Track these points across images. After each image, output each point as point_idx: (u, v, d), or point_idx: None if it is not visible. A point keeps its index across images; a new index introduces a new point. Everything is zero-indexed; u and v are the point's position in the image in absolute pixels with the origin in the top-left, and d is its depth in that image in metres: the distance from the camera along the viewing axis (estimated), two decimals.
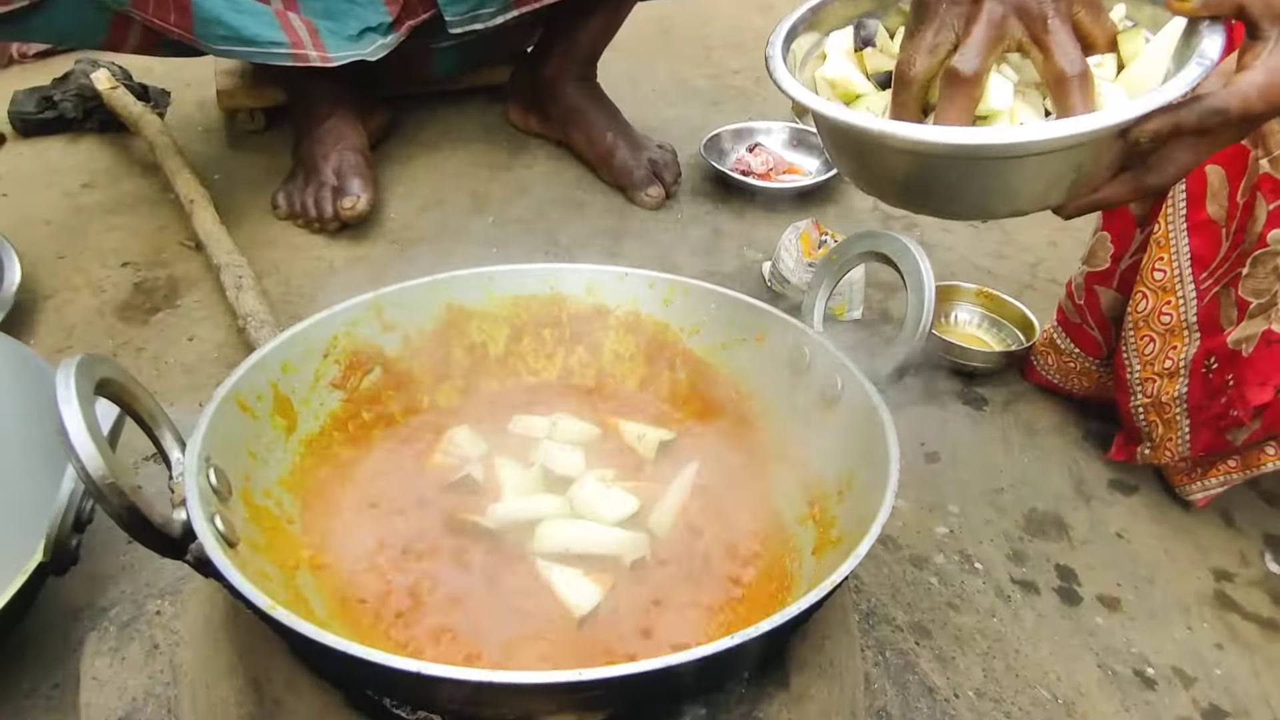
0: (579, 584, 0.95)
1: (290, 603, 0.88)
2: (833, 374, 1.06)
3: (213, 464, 0.91)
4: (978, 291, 1.89)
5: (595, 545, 0.99)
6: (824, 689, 0.93)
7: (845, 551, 0.87)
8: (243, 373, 1.01)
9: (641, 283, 1.21)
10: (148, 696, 1.17)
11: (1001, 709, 1.33)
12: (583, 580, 0.95)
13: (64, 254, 1.94)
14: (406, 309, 1.17)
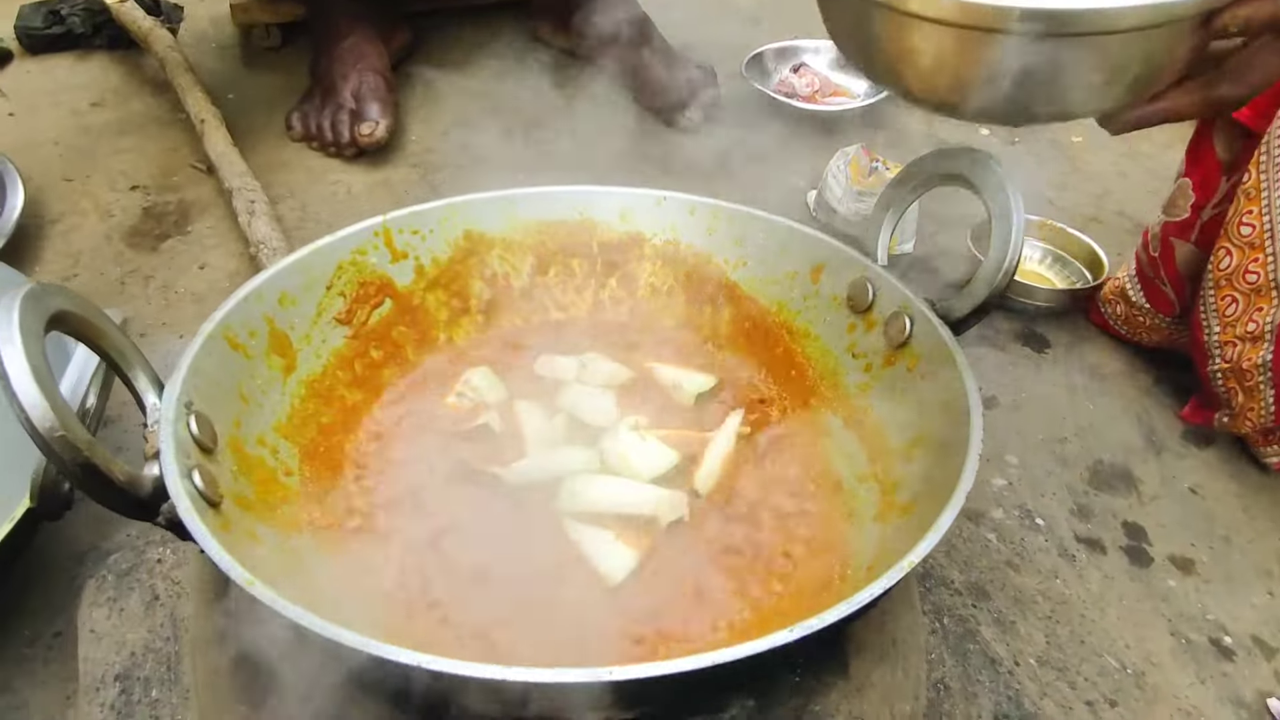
0: (612, 549, 0.82)
1: (284, 571, 0.75)
2: (900, 314, 0.91)
3: (195, 410, 0.78)
4: (1040, 224, 1.72)
5: (628, 504, 0.85)
6: (886, 673, 0.80)
7: (918, 523, 0.74)
8: (233, 305, 0.87)
9: (681, 208, 1.05)
10: (147, 651, 1.07)
11: (1065, 679, 1.19)
12: (615, 544, 0.82)
13: (71, 176, 1.81)
14: (420, 235, 1.02)
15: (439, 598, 0.79)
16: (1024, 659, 1.19)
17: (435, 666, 0.58)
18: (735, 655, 0.59)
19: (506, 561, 0.82)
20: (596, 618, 0.78)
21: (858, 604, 0.63)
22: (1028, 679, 1.15)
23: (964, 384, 0.81)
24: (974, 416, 0.77)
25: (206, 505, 0.72)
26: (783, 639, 0.60)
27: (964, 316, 0.87)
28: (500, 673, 0.57)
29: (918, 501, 0.80)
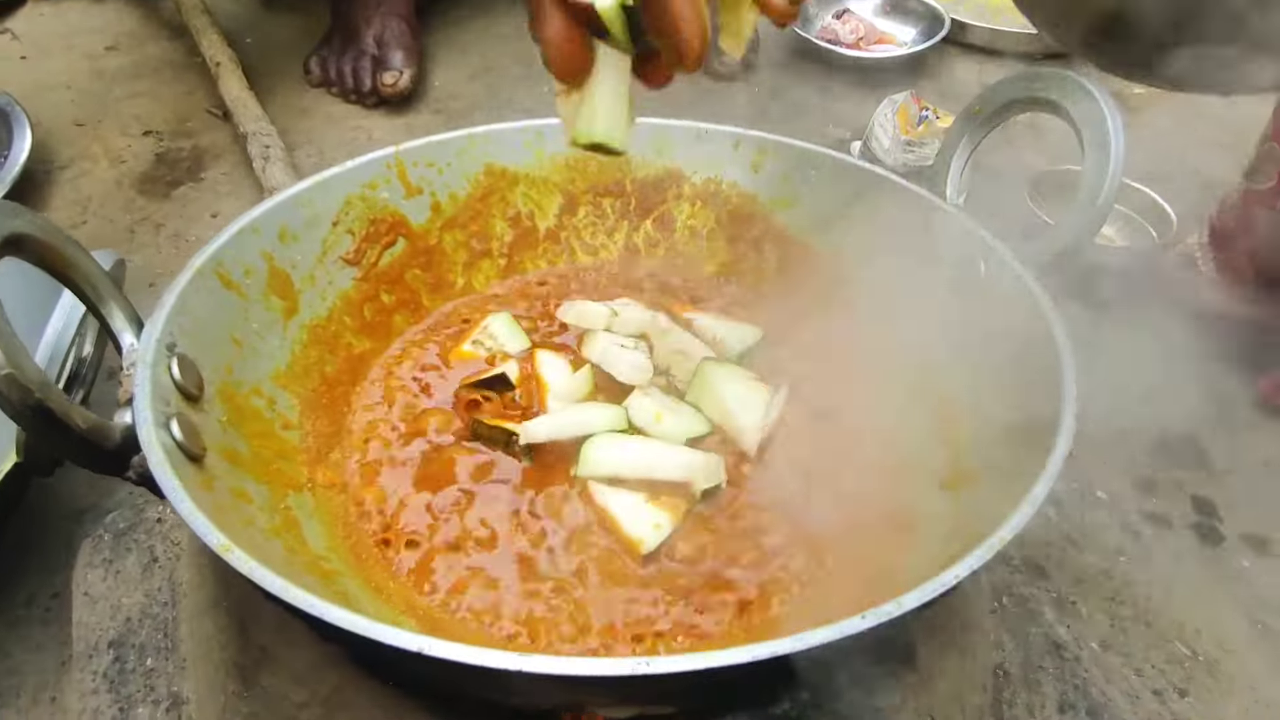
0: (644, 512, 0.71)
1: (277, 535, 0.66)
2: (974, 257, 0.79)
3: (178, 353, 0.68)
4: None
5: (660, 469, 0.74)
6: (956, 661, 0.69)
7: (999, 490, 0.62)
8: (226, 239, 0.77)
9: (725, 142, 0.94)
10: (144, 617, 0.98)
11: (1131, 665, 1.08)
12: (647, 508, 0.71)
13: (82, 121, 1.72)
14: (437, 169, 0.91)
15: (447, 569, 0.69)
16: (1085, 642, 1.08)
17: (437, 652, 0.47)
18: (796, 646, 0.49)
19: (524, 529, 0.72)
20: (626, 593, 0.67)
21: (943, 586, 0.52)
22: (1091, 664, 1.04)
23: (1053, 335, 0.69)
24: (1066, 371, 0.66)
25: (186, 459, 0.62)
26: (853, 627, 0.50)
27: (1051, 257, 0.75)
28: (516, 662, 0.47)
29: (995, 466, 0.69)
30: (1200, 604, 1.13)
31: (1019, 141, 1.73)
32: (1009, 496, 0.62)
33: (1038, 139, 1.73)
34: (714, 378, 0.79)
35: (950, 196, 0.84)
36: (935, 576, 0.54)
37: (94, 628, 0.98)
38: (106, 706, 0.91)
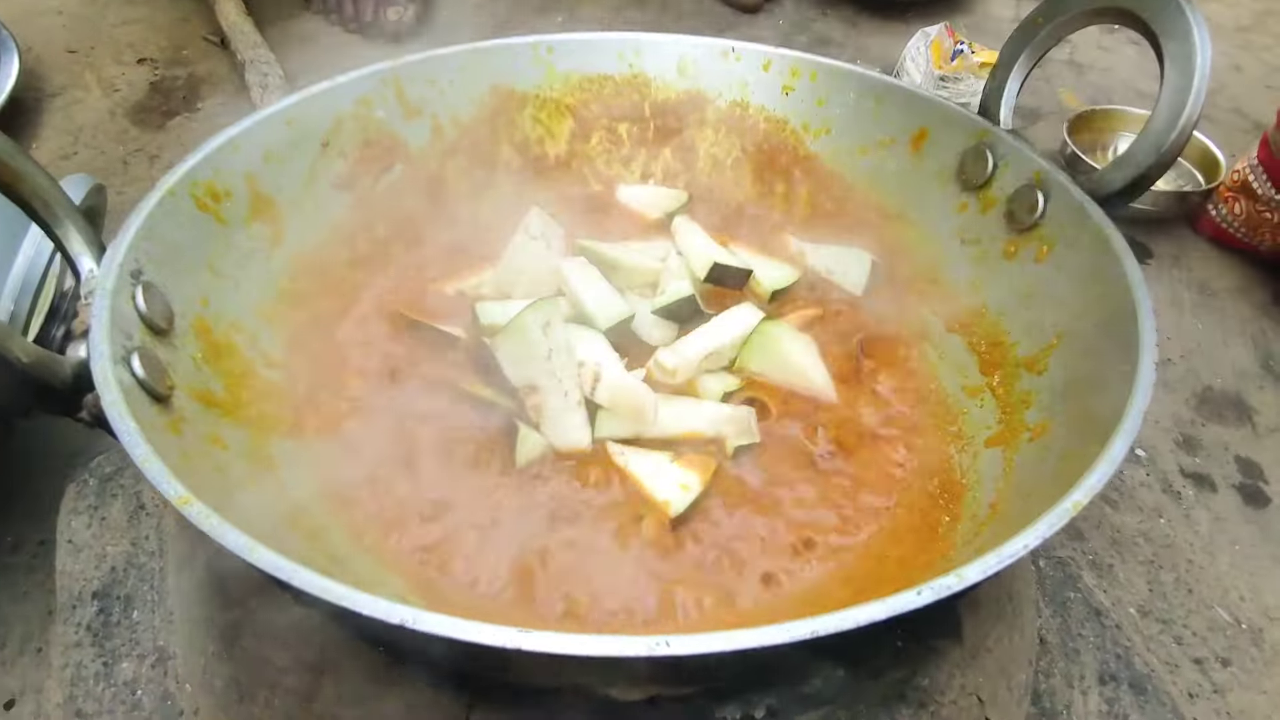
0: (670, 473, 0.63)
1: (253, 482, 0.58)
2: (1031, 188, 0.70)
3: (144, 280, 0.60)
4: (1146, 119, 1.45)
5: (687, 423, 0.66)
6: (1003, 635, 0.62)
7: (1063, 449, 0.54)
8: (202, 158, 0.68)
9: (754, 61, 0.84)
10: (129, 567, 0.91)
11: (1171, 632, 1.00)
12: (673, 468, 0.63)
13: (74, 48, 1.62)
14: (438, 87, 0.82)
15: (447, 528, 0.62)
16: (1122, 606, 1.00)
17: (425, 626, 0.40)
18: (841, 624, 0.41)
19: (531, 488, 0.64)
20: (641, 559, 0.60)
21: (1010, 556, 0.44)
22: (1130, 631, 0.96)
23: (1125, 273, 0.60)
24: (1143, 313, 0.57)
25: (148, 399, 0.54)
26: (907, 603, 0.42)
27: (1119, 190, 0.66)
28: (515, 639, 0.40)
29: (1057, 422, 0.60)
30: (1244, 569, 1.05)
31: (1057, 79, 1.62)
32: (1074, 454, 0.54)
33: (1078, 76, 1.62)
34: (775, 336, 0.71)
35: (1004, 121, 0.74)
36: (998, 545, 0.46)
37: (78, 577, 0.91)
38: (90, 661, 0.84)
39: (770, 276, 0.78)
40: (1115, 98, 1.60)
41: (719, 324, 0.72)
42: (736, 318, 0.72)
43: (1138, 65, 1.67)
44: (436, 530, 0.62)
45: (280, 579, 0.42)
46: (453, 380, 0.70)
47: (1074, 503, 0.46)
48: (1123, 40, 1.72)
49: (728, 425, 0.65)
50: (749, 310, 0.73)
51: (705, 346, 0.70)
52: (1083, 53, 1.67)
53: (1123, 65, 1.67)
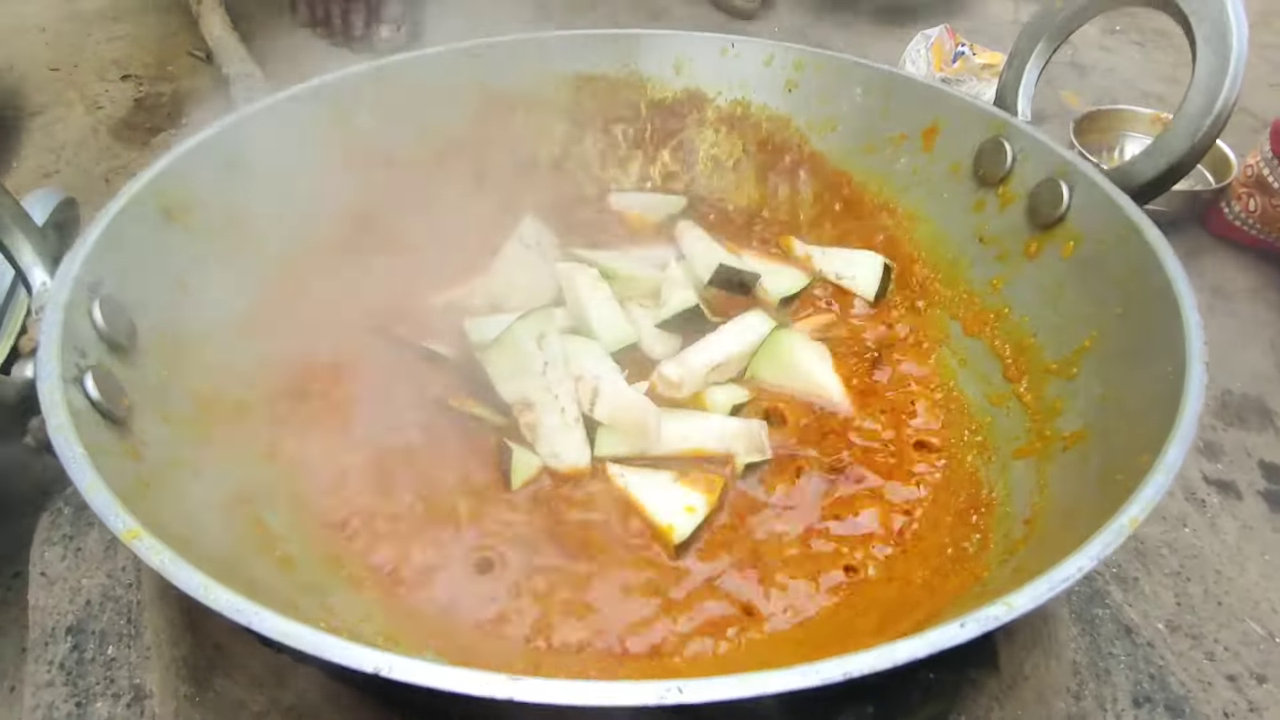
0: (673, 494, 0.58)
1: (224, 510, 0.53)
2: (1053, 182, 0.65)
3: (104, 294, 0.55)
4: (1154, 118, 1.42)
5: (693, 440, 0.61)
6: (1040, 662, 0.57)
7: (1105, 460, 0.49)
8: (169, 164, 0.64)
9: (754, 57, 0.79)
10: (105, 600, 0.86)
11: (1201, 648, 0.95)
12: (677, 488, 0.58)
13: (57, 65, 1.58)
14: (422, 90, 0.77)
15: (431, 559, 0.56)
16: (1150, 622, 0.95)
17: (402, 675, 0.35)
18: (875, 664, 0.36)
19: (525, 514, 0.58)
20: (646, 589, 0.54)
21: (1064, 580, 0.39)
22: (1162, 648, 0.91)
23: (1163, 267, 0.55)
24: (1187, 309, 0.52)
25: (103, 421, 0.49)
26: (951, 638, 0.37)
27: (1150, 180, 0.61)
28: (504, 688, 0.34)
29: (1094, 430, 0.55)
30: (1275, 579, 1.00)
31: (1059, 81, 1.57)
32: (1120, 465, 0.49)
33: (1081, 78, 1.58)
34: (786, 345, 0.66)
35: (1022, 112, 0.69)
36: (1041, 567, 0.41)
37: (51, 612, 0.85)
38: (62, 701, 0.78)
39: (779, 283, 0.73)
40: (1119, 98, 1.55)
41: (726, 333, 0.67)
42: (745, 326, 0.67)
43: (1140, 66, 1.63)
44: (423, 558, 0.56)
45: (238, 622, 0.37)
46: (442, 398, 0.65)
47: (1130, 519, 0.41)
48: (1125, 41, 1.68)
49: (737, 440, 0.60)
50: (758, 318, 0.68)
51: (712, 357, 0.65)
52: (1084, 54, 1.63)
53: (1125, 66, 1.63)
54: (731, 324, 0.68)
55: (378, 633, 0.51)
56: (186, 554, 0.42)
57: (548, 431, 0.61)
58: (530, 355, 0.60)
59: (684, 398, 0.64)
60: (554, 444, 0.60)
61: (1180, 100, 0.61)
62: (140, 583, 0.84)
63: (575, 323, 0.69)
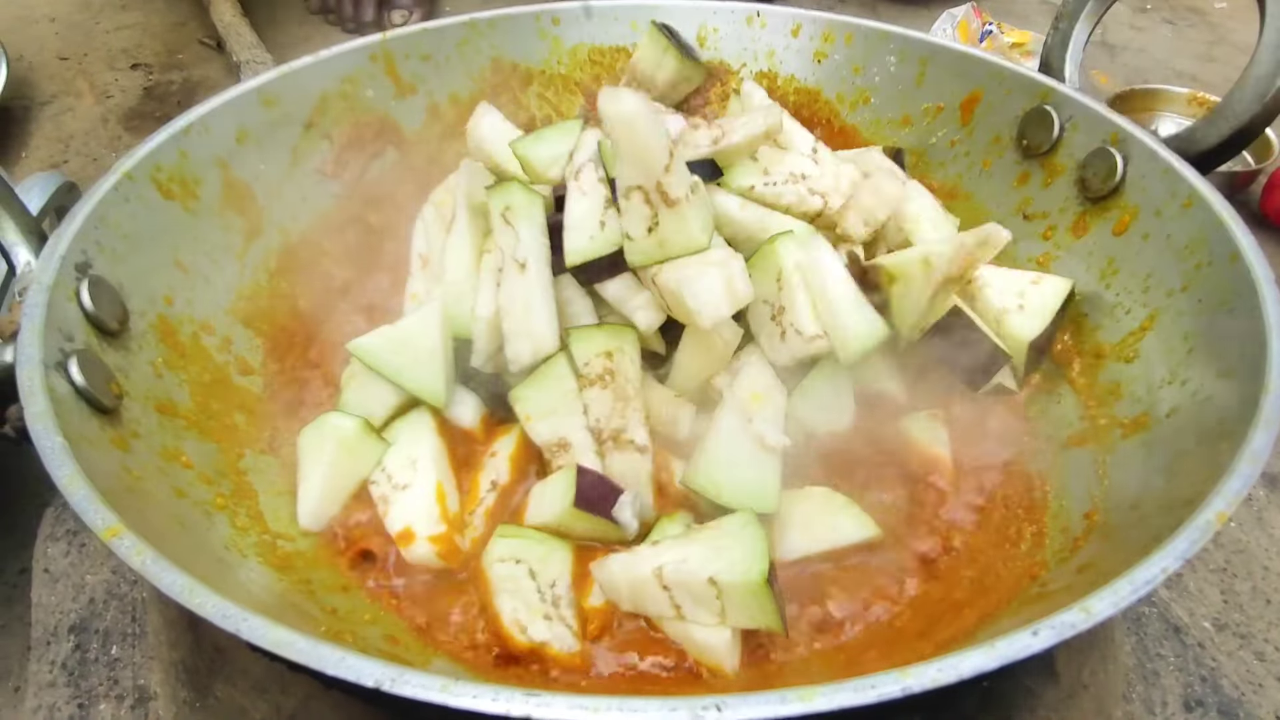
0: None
1: (221, 505, 0.49)
2: (1106, 151, 0.60)
3: (93, 275, 0.51)
4: (1190, 98, 1.36)
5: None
6: (1098, 668, 0.52)
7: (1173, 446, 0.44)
8: (165, 140, 0.60)
9: (781, 26, 0.75)
10: (109, 598, 0.83)
11: (1251, 647, 0.89)
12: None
13: (66, 55, 1.55)
14: (433, 63, 0.73)
15: (436, 581, 0.52)
16: (1196, 620, 0.89)
17: (405, 690, 0.30)
18: (940, 677, 0.31)
19: None
20: None
21: (1144, 585, 0.34)
22: (1209, 646, 0.86)
23: (1233, 240, 0.50)
24: (1262, 283, 0.47)
25: (88, 409, 0.45)
26: (1023, 648, 0.32)
27: (1214, 146, 0.56)
28: (523, 706, 0.30)
29: (1157, 416, 0.50)
30: None
31: (1090, 61, 1.52)
32: (1191, 453, 0.44)
33: (1111, 58, 1.52)
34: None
35: (1070, 78, 0.64)
36: (1112, 566, 0.36)
37: (54, 610, 0.82)
38: (64, 703, 0.75)
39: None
40: (1151, 78, 1.50)
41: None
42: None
43: (1172, 44, 1.57)
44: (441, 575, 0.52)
45: (226, 629, 0.33)
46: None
47: (1217, 513, 0.37)
48: (1156, 20, 1.61)
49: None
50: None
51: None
52: (1115, 33, 1.57)
53: (1157, 45, 1.57)
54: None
55: (385, 636, 0.47)
56: (175, 553, 0.38)
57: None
58: (570, 392, 0.55)
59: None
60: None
61: (1249, 61, 0.56)
62: (144, 580, 0.80)
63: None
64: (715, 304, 0.50)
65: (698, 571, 0.45)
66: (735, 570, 0.44)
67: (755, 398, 0.55)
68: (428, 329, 0.55)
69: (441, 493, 0.53)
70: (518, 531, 0.51)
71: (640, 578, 0.47)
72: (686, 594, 0.46)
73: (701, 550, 0.46)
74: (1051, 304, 0.57)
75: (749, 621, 0.45)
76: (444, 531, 0.51)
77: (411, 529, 0.51)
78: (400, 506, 0.52)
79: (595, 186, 0.56)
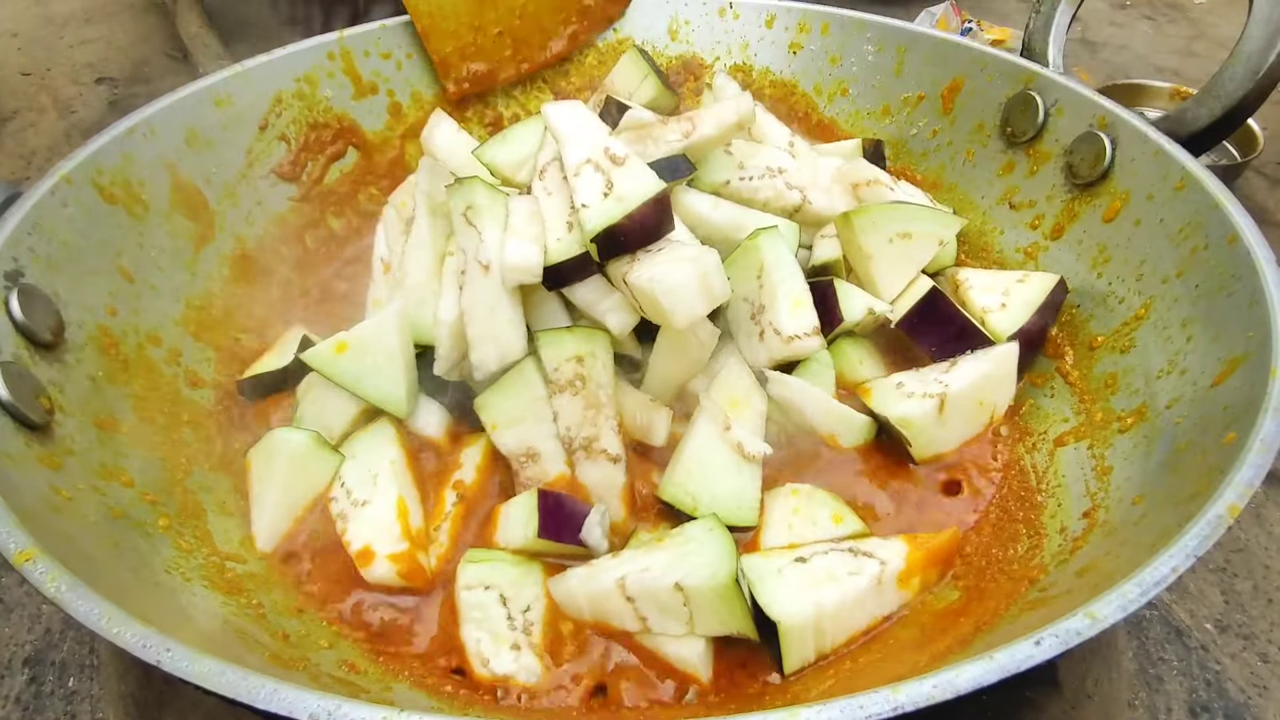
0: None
1: (165, 527, 0.46)
2: (1094, 135, 0.58)
3: (24, 283, 0.48)
4: (1172, 92, 1.34)
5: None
6: (1102, 674, 0.49)
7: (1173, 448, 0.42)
8: (107, 142, 0.56)
9: (755, 17, 0.72)
10: (66, 627, 0.80)
11: (1254, 648, 0.87)
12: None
13: (29, 70, 1.52)
14: (395, 62, 0.71)
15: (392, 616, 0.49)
16: (1198, 622, 0.87)
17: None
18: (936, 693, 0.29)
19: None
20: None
21: (1154, 586, 0.32)
22: (1212, 647, 0.83)
23: (1230, 221, 0.48)
24: (1262, 260, 0.45)
25: (14, 425, 0.41)
26: (1025, 658, 0.30)
27: (1205, 127, 0.54)
28: None
29: (1156, 408, 0.48)
30: None
31: (1071, 58, 1.51)
32: (1195, 445, 0.41)
33: (1092, 55, 1.51)
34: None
35: (1053, 62, 0.62)
36: (1118, 568, 0.34)
37: (8, 642, 0.79)
38: None
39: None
40: (1132, 74, 1.48)
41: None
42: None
43: (1152, 41, 1.56)
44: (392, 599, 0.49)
45: (146, 659, 0.30)
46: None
47: (1229, 506, 0.34)
48: (1136, 16, 1.61)
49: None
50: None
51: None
52: (1095, 30, 1.57)
53: (1137, 41, 1.56)
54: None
55: (342, 662, 0.44)
56: (103, 578, 0.35)
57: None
58: (539, 399, 0.52)
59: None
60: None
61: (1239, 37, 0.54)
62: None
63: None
64: (690, 303, 0.47)
65: (661, 579, 0.43)
66: (702, 574, 0.42)
67: (734, 403, 0.53)
68: (385, 334, 0.52)
69: (403, 508, 0.50)
70: (488, 555, 0.48)
71: (601, 591, 0.44)
72: (652, 604, 0.43)
73: (665, 557, 0.44)
74: (1035, 299, 0.55)
75: (720, 627, 0.43)
76: (405, 549, 0.48)
77: (371, 547, 0.48)
78: (359, 524, 0.49)
79: (560, 186, 0.53)
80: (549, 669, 0.43)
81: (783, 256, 0.54)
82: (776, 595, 0.43)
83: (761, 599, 0.43)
